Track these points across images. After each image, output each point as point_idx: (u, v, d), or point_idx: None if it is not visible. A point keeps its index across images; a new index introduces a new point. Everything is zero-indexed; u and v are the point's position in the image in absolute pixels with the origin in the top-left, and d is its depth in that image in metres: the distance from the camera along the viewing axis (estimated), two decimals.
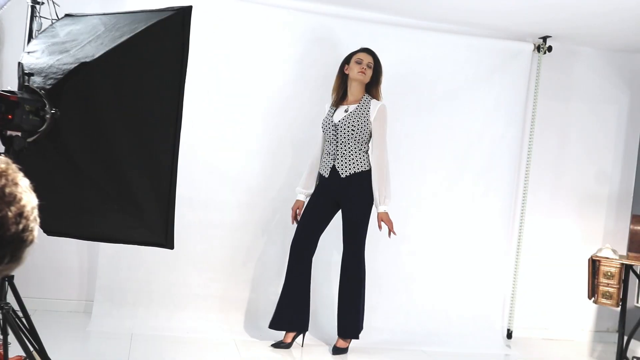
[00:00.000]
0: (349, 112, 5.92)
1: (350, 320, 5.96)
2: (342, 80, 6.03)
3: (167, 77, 3.77)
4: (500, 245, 6.97)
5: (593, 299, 6.16)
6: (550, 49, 6.97)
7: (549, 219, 7.27)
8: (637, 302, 6.77)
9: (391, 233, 5.91)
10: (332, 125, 5.94)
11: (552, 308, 7.29)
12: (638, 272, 6.16)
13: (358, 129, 5.87)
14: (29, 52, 3.83)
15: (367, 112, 5.90)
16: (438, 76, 6.83)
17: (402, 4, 6.38)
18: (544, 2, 5.89)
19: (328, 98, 6.15)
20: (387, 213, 5.88)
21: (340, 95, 6.03)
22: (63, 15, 4.29)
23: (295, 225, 6.09)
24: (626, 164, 7.42)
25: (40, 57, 3.72)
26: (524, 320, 7.16)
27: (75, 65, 3.46)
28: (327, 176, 5.96)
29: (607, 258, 6.04)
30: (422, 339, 6.56)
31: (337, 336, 6.02)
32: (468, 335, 6.74)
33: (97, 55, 3.49)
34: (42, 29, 5.00)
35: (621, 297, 6.03)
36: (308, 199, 6.10)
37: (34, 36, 5.16)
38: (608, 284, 6.01)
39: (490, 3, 6.10)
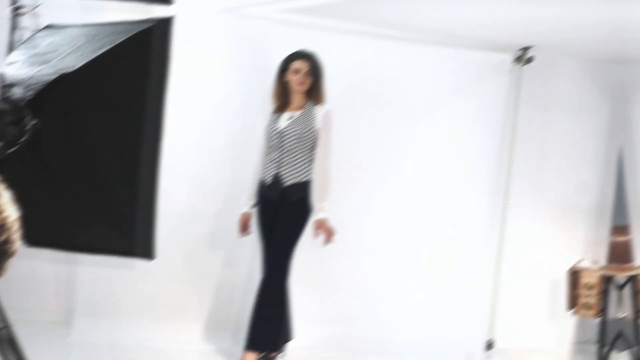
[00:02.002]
0: (294, 118, 5.76)
1: (265, 332, 5.72)
2: (283, 87, 5.83)
3: (149, 87, 3.78)
4: (480, 256, 6.97)
5: (572, 310, 6.18)
6: (530, 60, 6.99)
7: (529, 230, 7.28)
8: (617, 313, 6.80)
9: (327, 241, 5.74)
10: (277, 133, 5.73)
11: (533, 319, 7.30)
12: (617, 284, 6.20)
13: (304, 136, 5.71)
14: (9, 63, 3.83)
15: (313, 118, 5.76)
16: (418, 87, 6.82)
17: (381, 16, 6.40)
18: (524, 14, 5.92)
19: None
20: (326, 220, 5.71)
21: (283, 102, 5.85)
22: (44, 26, 4.29)
23: (240, 237, 6.01)
24: (606, 175, 7.44)
25: (21, 68, 3.71)
26: (504, 331, 7.17)
27: (56, 76, 3.46)
28: (268, 184, 5.77)
29: (587, 269, 6.07)
30: (401, 349, 6.57)
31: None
32: (448, 346, 6.74)
33: (77, 66, 3.49)
34: (23, 39, 4.99)
35: (601, 308, 6.05)
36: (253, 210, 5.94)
37: (14, 47, 5.15)
38: (588, 295, 6.03)
39: (470, 14, 6.12)
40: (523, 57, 6.98)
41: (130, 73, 3.73)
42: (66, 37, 3.91)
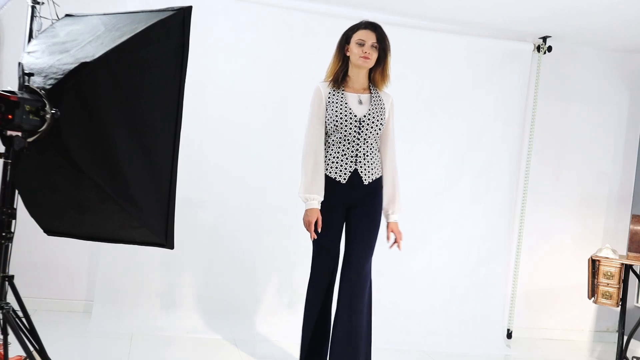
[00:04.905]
0: (367, 103, 4.92)
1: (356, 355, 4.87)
2: (343, 62, 4.94)
3: (168, 76, 3.77)
4: (500, 245, 6.97)
5: (593, 299, 6.16)
6: (550, 49, 6.97)
7: (549, 218, 7.27)
8: (637, 302, 6.78)
9: (396, 245, 5.10)
10: (355, 120, 4.86)
11: (552, 308, 7.29)
12: (638, 272, 6.16)
13: (382, 126, 4.94)
14: (29, 52, 3.83)
15: (384, 105, 4.98)
16: (438, 76, 6.82)
17: (402, 4, 6.38)
18: (544, 2, 5.89)
19: None
20: (397, 223, 5.08)
21: (339, 79, 4.92)
22: (63, 15, 4.29)
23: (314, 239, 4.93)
24: (626, 163, 7.42)
25: (41, 57, 3.71)
26: (524, 320, 7.17)
27: (76, 65, 3.46)
28: (344, 182, 4.87)
29: (607, 258, 6.04)
30: (422, 339, 6.57)
31: None
32: (468, 335, 6.74)
33: (97, 55, 3.48)
34: (42, 29, 5.00)
35: (621, 297, 6.03)
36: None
37: (34, 36, 5.16)
38: (608, 283, 6.01)
39: (491, 3, 6.09)
40: (543, 46, 6.96)
41: (149, 62, 3.72)
42: (86, 26, 3.91)
